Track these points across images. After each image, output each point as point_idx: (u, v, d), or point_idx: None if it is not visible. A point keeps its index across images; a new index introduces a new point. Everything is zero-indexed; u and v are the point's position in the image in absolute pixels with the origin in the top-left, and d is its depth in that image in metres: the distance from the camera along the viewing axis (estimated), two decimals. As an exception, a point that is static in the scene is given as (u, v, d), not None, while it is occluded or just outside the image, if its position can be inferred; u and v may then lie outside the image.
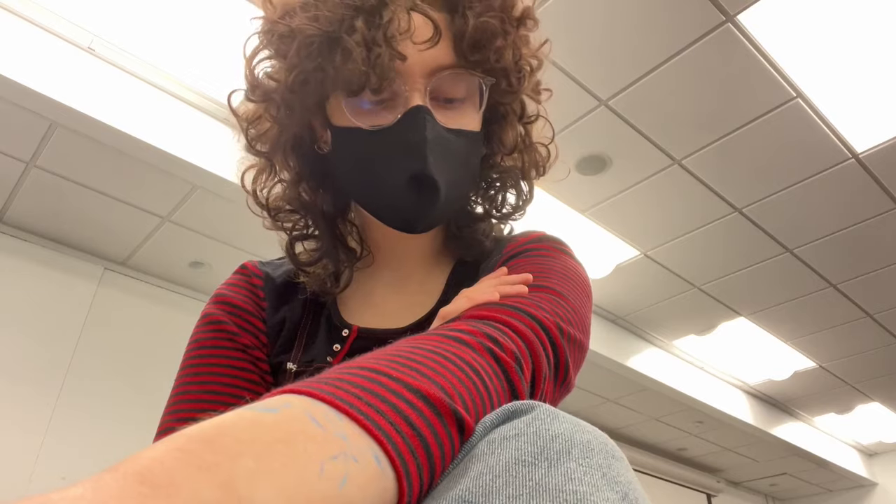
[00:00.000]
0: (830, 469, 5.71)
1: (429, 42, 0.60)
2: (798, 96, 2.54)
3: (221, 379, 0.66)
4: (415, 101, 0.60)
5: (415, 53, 0.59)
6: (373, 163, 0.61)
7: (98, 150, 2.51)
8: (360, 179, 0.64)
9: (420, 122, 0.59)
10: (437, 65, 0.60)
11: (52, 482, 2.69)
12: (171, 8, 2.24)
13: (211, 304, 0.72)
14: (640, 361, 4.13)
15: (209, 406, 0.64)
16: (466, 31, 0.61)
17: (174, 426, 0.28)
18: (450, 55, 0.61)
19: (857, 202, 3.07)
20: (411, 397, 0.38)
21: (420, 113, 0.59)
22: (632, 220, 3.23)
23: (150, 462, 0.25)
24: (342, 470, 0.31)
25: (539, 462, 0.35)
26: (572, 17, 2.24)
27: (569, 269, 0.63)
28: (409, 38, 0.59)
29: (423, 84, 0.60)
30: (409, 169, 0.59)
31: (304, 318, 0.72)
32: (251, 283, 0.74)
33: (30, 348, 2.90)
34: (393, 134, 0.60)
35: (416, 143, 0.59)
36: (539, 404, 0.41)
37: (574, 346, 0.57)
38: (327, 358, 0.67)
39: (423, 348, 0.43)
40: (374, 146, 0.61)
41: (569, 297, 0.59)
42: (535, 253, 0.65)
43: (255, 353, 0.69)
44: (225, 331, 0.69)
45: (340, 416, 0.33)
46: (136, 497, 0.23)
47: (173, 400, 0.66)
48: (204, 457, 0.26)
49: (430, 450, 0.37)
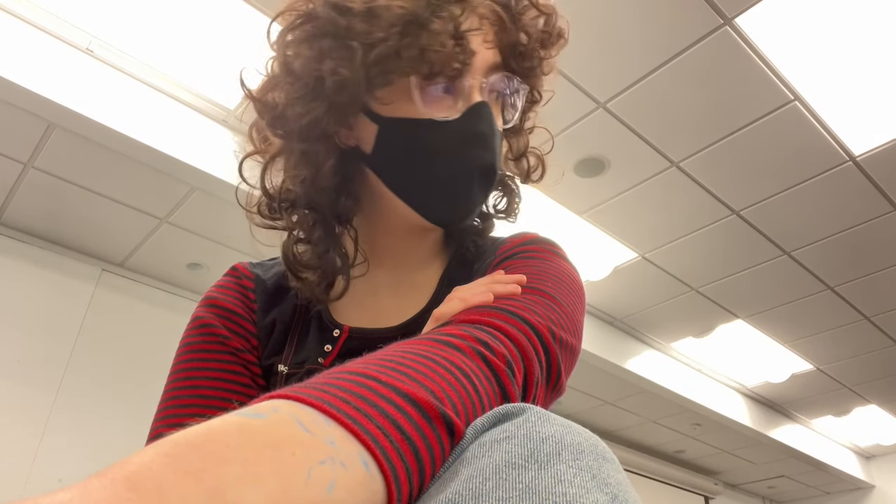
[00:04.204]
0: (828, 471, 5.71)
1: (492, 42, 0.63)
2: (796, 99, 2.54)
3: (212, 383, 0.66)
4: (477, 96, 0.62)
5: (481, 50, 0.61)
6: (435, 153, 0.61)
7: (96, 152, 2.51)
8: (414, 170, 0.62)
9: (487, 117, 0.61)
10: (493, 64, 0.63)
11: (49, 484, 2.69)
12: (170, 10, 2.24)
13: (201, 307, 0.71)
14: (638, 364, 4.13)
15: (200, 410, 0.63)
16: (518, 41, 0.64)
17: (165, 431, 0.28)
18: (499, 58, 0.64)
19: (854, 205, 3.08)
20: (400, 401, 0.38)
21: (486, 107, 0.62)
22: (630, 222, 3.23)
23: (137, 467, 0.25)
24: (330, 475, 0.31)
25: (529, 464, 0.35)
26: (571, 19, 2.24)
27: (562, 271, 0.64)
28: (479, 35, 0.61)
29: (479, 81, 0.62)
30: (480, 159, 0.61)
31: (294, 319, 0.71)
32: (242, 285, 0.73)
33: (27, 349, 2.90)
34: (463, 124, 0.61)
35: (487, 135, 0.61)
36: (530, 407, 0.41)
37: (566, 350, 0.57)
38: (318, 359, 0.67)
39: (413, 352, 0.43)
40: (440, 136, 0.61)
41: (562, 301, 0.59)
42: (529, 255, 0.65)
43: (245, 357, 0.69)
44: (215, 334, 0.68)
45: (328, 420, 0.33)
46: (124, 502, 0.23)
47: (164, 405, 0.65)
48: (192, 462, 0.26)
49: (419, 454, 0.37)
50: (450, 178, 0.62)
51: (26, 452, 2.77)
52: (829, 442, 5.68)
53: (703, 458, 5.70)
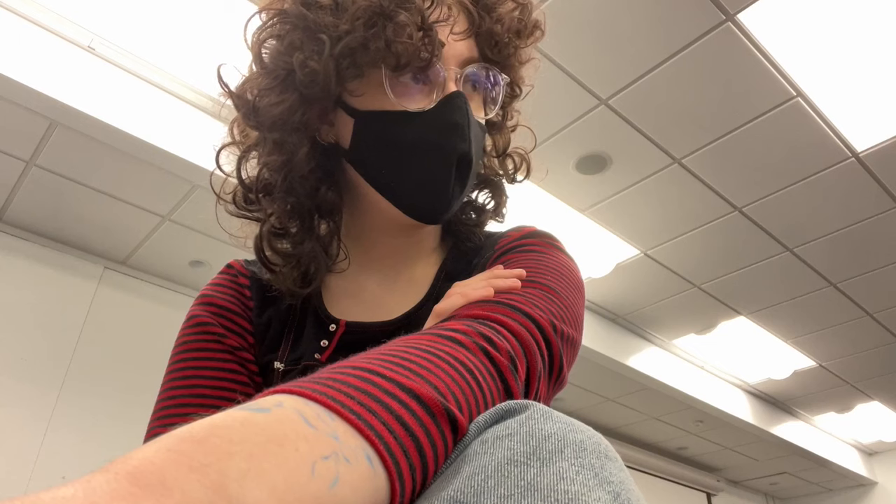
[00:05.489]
0: (830, 468, 5.71)
1: (464, 34, 0.63)
2: (798, 95, 2.54)
3: (209, 382, 0.66)
4: (451, 86, 0.62)
5: (451, 42, 0.62)
6: (409, 144, 0.61)
7: (98, 150, 2.51)
8: (389, 162, 0.62)
9: (462, 106, 0.61)
10: (467, 56, 0.63)
11: (52, 481, 2.69)
12: (171, 7, 2.24)
13: (196, 305, 0.70)
14: (640, 360, 4.13)
15: (197, 409, 0.63)
16: (494, 31, 0.64)
17: (162, 431, 0.27)
18: (474, 50, 0.64)
19: (857, 201, 3.07)
20: (404, 397, 0.38)
21: (460, 97, 0.61)
22: (632, 219, 3.23)
23: (140, 462, 0.25)
24: (334, 470, 0.31)
25: (531, 462, 0.35)
26: (573, 16, 2.24)
27: (561, 264, 0.64)
28: (448, 26, 0.61)
29: (454, 72, 0.62)
30: (455, 149, 0.61)
31: (290, 315, 0.71)
32: (237, 282, 0.73)
33: (30, 348, 2.91)
34: (436, 115, 0.61)
35: (461, 125, 0.61)
36: (533, 404, 0.41)
37: (567, 343, 0.57)
38: (315, 355, 0.67)
39: (416, 348, 0.43)
40: (413, 127, 0.61)
41: (562, 294, 0.59)
42: (528, 248, 0.66)
43: (242, 355, 0.68)
44: (211, 332, 0.68)
45: (332, 415, 0.33)
46: (127, 497, 0.23)
47: (161, 404, 0.65)
48: (195, 457, 0.26)
49: (422, 450, 0.37)
50: (425, 169, 0.61)
51: (30, 449, 2.77)
52: (832, 438, 5.68)
53: (706, 454, 5.70)
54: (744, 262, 3.53)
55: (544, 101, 2.50)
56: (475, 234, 0.73)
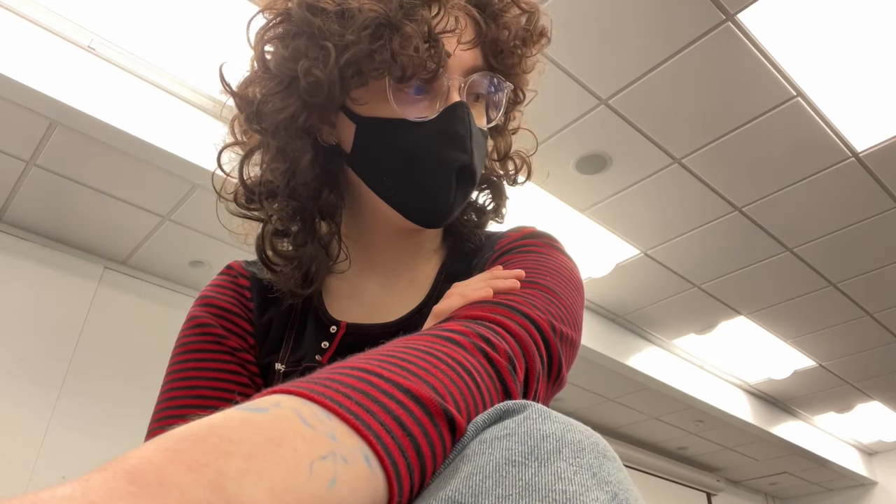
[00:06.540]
0: (830, 468, 5.71)
1: (470, 43, 0.63)
2: (798, 95, 2.54)
3: (210, 383, 0.65)
4: (454, 97, 0.62)
5: (457, 51, 0.62)
6: (411, 153, 0.61)
7: (98, 149, 2.51)
8: (391, 170, 0.62)
9: (464, 117, 0.61)
10: (472, 65, 0.63)
11: (52, 480, 2.68)
12: (171, 7, 2.24)
13: (196, 306, 0.70)
14: (640, 360, 4.13)
15: (197, 411, 0.62)
16: (499, 39, 0.64)
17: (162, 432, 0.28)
18: (479, 58, 0.64)
19: (857, 201, 3.07)
20: (402, 397, 0.38)
21: (463, 107, 0.61)
22: (632, 218, 3.23)
23: (139, 462, 0.25)
24: (332, 470, 0.31)
25: (529, 462, 0.35)
26: (573, 16, 2.24)
27: (560, 265, 0.64)
28: (455, 36, 0.61)
29: (458, 82, 0.62)
30: (455, 160, 0.61)
31: (291, 317, 0.71)
32: (237, 283, 0.73)
33: (30, 348, 2.91)
34: (438, 125, 0.61)
35: (462, 136, 0.61)
36: (531, 404, 0.41)
37: (566, 343, 0.57)
38: (315, 356, 0.67)
39: (414, 348, 0.43)
40: (415, 137, 0.61)
41: (561, 295, 0.59)
42: (527, 249, 0.66)
43: (243, 356, 0.68)
44: (212, 333, 0.68)
45: (330, 415, 0.33)
46: (126, 496, 0.23)
47: (161, 405, 0.65)
48: (193, 456, 0.26)
49: (420, 450, 0.37)
50: (426, 179, 0.61)
51: (29, 449, 2.77)
52: (832, 438, 5.68)
53: (706, 454, 5.70)
54: (744, 262, 3.53)
55: (544, 101, 2.50)
56: (476, 235, 0.73)
